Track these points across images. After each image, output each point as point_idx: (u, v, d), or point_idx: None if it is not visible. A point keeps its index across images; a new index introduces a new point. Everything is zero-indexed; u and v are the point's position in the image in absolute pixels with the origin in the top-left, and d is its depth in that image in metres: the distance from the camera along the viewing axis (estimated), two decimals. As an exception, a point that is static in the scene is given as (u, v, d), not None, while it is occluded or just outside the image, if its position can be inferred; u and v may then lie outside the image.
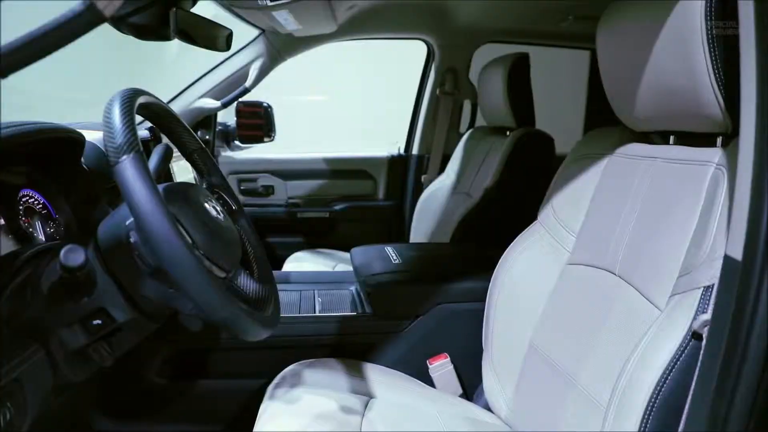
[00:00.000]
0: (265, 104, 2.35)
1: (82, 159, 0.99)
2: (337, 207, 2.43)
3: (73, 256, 0.61)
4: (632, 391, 0.69)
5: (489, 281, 1.16)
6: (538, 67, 1.83)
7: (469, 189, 1.94)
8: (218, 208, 0.82)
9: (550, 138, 1.71)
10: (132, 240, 0.67)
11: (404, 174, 2.46)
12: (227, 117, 2.42)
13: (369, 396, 1.12)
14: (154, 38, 1.30)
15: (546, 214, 1.14)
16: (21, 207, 0.87)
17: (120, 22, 1.22)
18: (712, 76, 0.73)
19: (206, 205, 0.78)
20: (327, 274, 1.62)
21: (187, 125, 0.91)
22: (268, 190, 2.40)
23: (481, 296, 1.18)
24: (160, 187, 0.75)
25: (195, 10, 1.56)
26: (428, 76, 2.30)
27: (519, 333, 1.09)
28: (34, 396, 0.65)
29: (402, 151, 2.48)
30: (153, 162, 1.02)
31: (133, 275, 0.70)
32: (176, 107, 2.04)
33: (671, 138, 0.93)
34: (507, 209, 1.61)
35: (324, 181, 2.43)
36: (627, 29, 0.90)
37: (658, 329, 0.70)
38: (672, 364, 0.65)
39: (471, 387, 1.30)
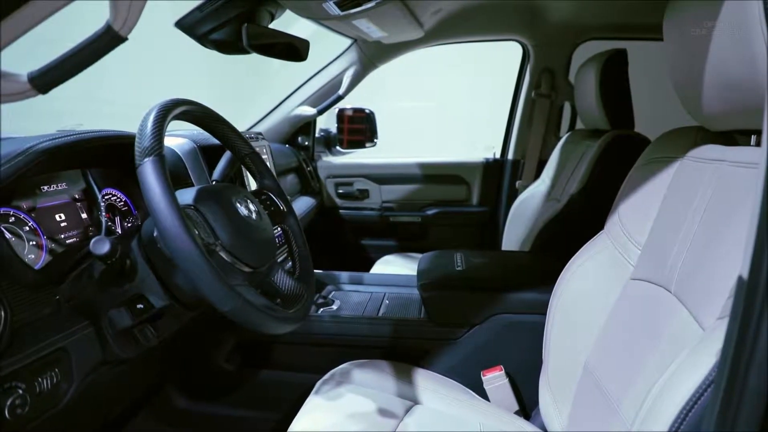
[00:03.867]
0: (367, 110, 2.43)
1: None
2: (429, 212, 2.43)
3: (99, 246, 0.70)
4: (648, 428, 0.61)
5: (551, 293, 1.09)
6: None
7: (560, 196, 1.83)
8: (253, 208, 0.88)
9: (647, 141, 1.55)
10: (155, 234, 0.75)
11: (499, 179, 2.39)
12: (330, 123, 2.54)
13: (414, 401, 1.11)
14: (234, 52, 1.42)
15: (612, 224, 1.05)
16: (103, 204, 1.01)
17: (203, 39, 1.35)
18: None
19: (238, 204, 0.84)
20: (401, 278, 1.63)
21: (238, 131, 0.99)
22: (363, 194, 2.47)
23: (542, 308, 1.11)
24: (196, 188, 0.83)
25: (298, 25, 1.68)
26: (524, 78, 2.20)
27: (575, 351, 1.01)
28: (81, 365, 0.76)
29: (498, 156, 2.41)
30: (221, 165, 1.12)
31: (166, 265, 0.78)
32: (277, 116, 2.20)
33: (752, 138, 0.80)
34: (591, 218, 1.49)
35: (417, 185, 2.45)
36: (690, 20, 0.79)
37: (686, 359, 0.61)
38: (694, 399, 0.56)
39: (530, 404, 1.22)
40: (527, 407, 1.23)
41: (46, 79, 0.62)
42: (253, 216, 0.86)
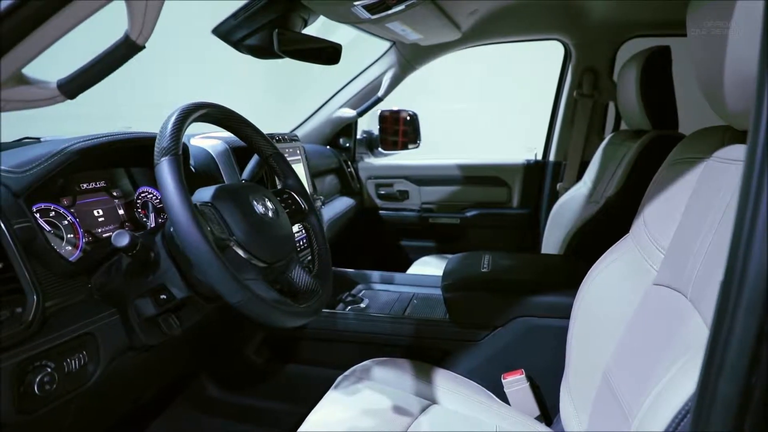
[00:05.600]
0: (411, 112, 2.45)
1: (192, 162, 1.18)
2: (468, 213, 2.41)
3: (119, 238, 0.76)
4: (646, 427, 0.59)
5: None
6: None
7: (600, 198, 1.77)
8: (270, 206, 0.91)
9: (689, 141, 1.48)
10: (171, 229, 0.80)
11: (541, 181, 2.34)
12: (373, 125, 2.57)
13: (432, 401, 1.12)
14: (269, 57, 1.48)
15: (637, 227, 1.02)
16: (139, 201, 1.08)
17: (238, 45, 1.42)
18: None
19: (254, 202, 0.88)
20: (432, 279, 1.63)
21: (262, 132, 1.03)
22: (403, 195, 2.49)
23: (565, 312, 1.09)
24: (215, 187, 0.87)
25: (340, 31, 1.72)
26: (566, 78, 2.15)
27: (595, 357, 0.99)
28: (107, 349, 0.82)
29: (539, 158, 2.37)
30: (250, 165, 1.17)
31: (185, 259, 0.83)
32: (319, 118, 2.26)
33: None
34: (627, 221, 1.44)
35: (457, 187, 2.44)
36: (709, 18, 0.77)
37: (687, 362, 0.59)
38: (690, 403, 0.55)
39: (552, 410, 1.20)
40: (549, 413, 1.21)
41: (73, 86, 0.68)
42: (270, 214, 0.90)
